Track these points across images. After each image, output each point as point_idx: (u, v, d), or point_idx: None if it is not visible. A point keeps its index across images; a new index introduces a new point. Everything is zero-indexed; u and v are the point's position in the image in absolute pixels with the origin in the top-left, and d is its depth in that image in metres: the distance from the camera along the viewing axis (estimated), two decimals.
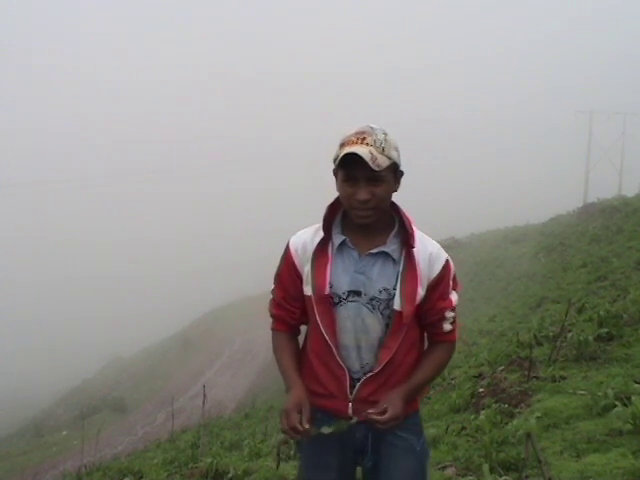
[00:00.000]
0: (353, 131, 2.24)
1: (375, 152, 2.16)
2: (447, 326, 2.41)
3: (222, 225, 75.20)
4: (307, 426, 2.25)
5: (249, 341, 35.46)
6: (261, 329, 34.11)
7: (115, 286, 63.61)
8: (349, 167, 2.20)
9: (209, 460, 5.46)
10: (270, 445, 7.52)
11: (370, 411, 2.25)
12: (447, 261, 2.37)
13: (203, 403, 7.76)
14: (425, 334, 2.49)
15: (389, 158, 2.20)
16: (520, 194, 67.62)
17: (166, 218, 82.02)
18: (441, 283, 2.35)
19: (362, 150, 2.15)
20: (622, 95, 70.06)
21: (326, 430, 2.32)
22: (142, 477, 6.79)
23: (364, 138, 2.20)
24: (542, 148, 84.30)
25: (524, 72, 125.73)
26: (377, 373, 2.34)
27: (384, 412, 2.23)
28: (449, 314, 2.40)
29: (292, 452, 5.97)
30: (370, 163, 2.12)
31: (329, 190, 2.36)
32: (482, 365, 7.52)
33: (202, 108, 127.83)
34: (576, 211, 32.53)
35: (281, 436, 7.22)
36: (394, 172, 2.27)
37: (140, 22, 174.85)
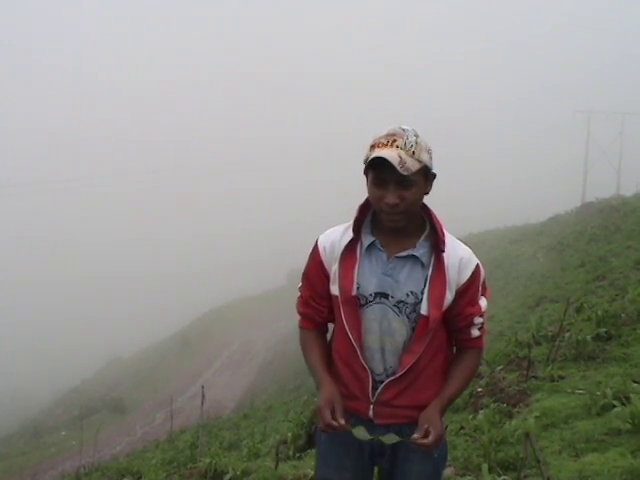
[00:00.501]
0: (384, 132, 2.20)
1: (405, 155, 2.12)
2: (475, 332, 2.38)
3: (222, 225, 75.17)
4: (342, 421, 2.22)
5: (248, 341, 35.49)
6: (260, 329, 34.29)
7: (114, 286, 63.61)
8: (378, 170, 2.16)
9: (208, 460, 5.45)
10: (269, 445, 7.52)
11: (415, 436, 2.19)
12: (477, 266, 2.34)
13: (202, 403, 7.76)
14: (452, 339, 2.46)
15: (419, 161, 2.16)
16: (519, 194, 67.70)
17: (166, 218, 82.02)
18: (470, 289, 2.32)
19: (391, 154, 2.11)
20: (621, 95, 70.21)
21: (359, 434, 2.27)
22: (141, 477, 6.78)
23: (394, 140, 2.16)
24: (541, 148, 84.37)
25: (522, 71, 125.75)
26: (400, 377, 2.31)
27: (427, 434, 2.19)
28: (477, 320, 2.37)
29: (291, 452, 5.98)
30: (398, 168, 2.09)
31: (329, 190, 2.35)
32: (480, 365, 7.51)
33: (202, 108, 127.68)
34: (574, 211, 32.57)
35: (279, 436, 7.23)
36: (425, 175, 2.23)
37: (139, 22, 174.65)
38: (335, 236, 2.40)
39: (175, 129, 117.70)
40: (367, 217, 2.37)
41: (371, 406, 2.35)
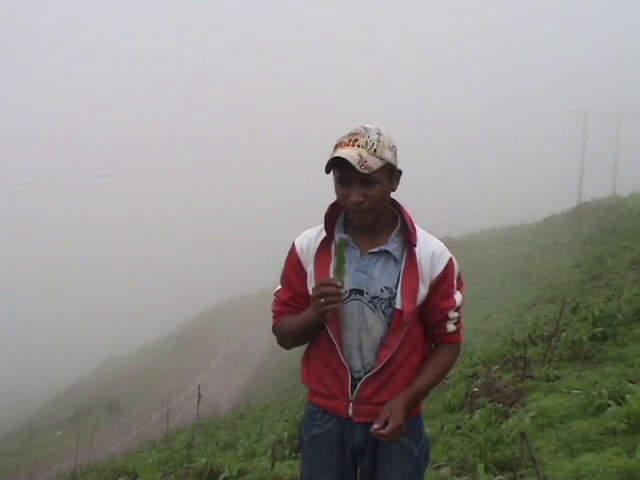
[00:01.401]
0: (347, 132, 2.24)
1: (365, 154, 2.14)
2: (451, 326, 2.39)
3: (218, 224, 75.11)
4: (339, 283, 2.20)
5: (244, 341, 35.47)
6: (256, 329, 34.20)
7: (110, 286, 63.50)
8: (342, 169, 2.19)
9: (204, 460, 5.45)
10: (265, 445, 7.52)
11: (375, 426, 2.21)
12: (450, 260, 2.36)
13: (198, 403, 7.74)
14: (430, 336, 2.48)
15: (382, 159, 2.18)
16: (514, 194, 67.73)
17: (162, 218, 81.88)
18: (444, 282, 2.34)
19: (350, 153, 2.14)
20: (617, 94, 70.19)
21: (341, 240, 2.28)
22: (137, 477, 6.79)
23: (356, 140, 2.19)
24: (536, 148, 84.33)
25: (517, 70, 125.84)
26: (377, 373, 2.32)
27: (386, 424, 2.21)
28: (452, 314, 2.38)
29: (287, 452, 5.98)
30: (358, 167, 2.12)
31: (327, 188, 2.36)
32: (477, 365, 7.53)
33: (195, 106, 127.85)
34: (570, 211, 32.62)
35: (275, 436, 7.23)
36: (389, 173, 2.24)
37: (134, 16, 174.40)
38: (311, 236, 2.43)
39: (170, 127, 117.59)
40: (340, 215, 2.40)
41: (350, 404, 2.36)
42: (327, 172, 2.24)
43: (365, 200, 2.20)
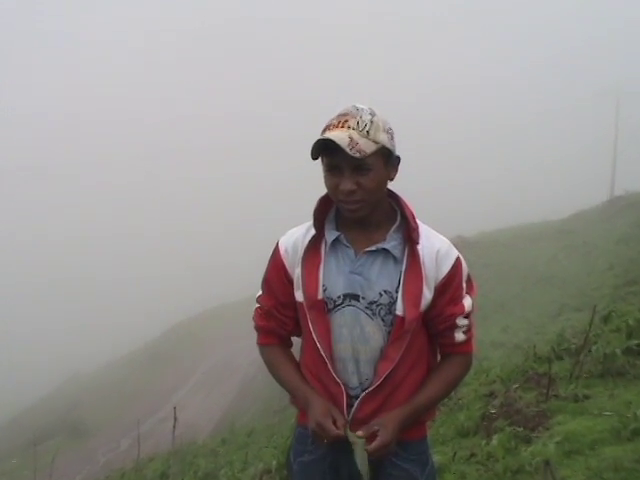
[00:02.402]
0: (336, 113, 2.23)
1: (357, 136, 2.13)
2: (459, 335, 2.37)
3: (198, 221, 75.10)
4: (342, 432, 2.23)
5: (228, 355, 35.46)
6: (241, 341, 34.18)
7: (73, 292, 63.35)
8: (330, 155, 2.18)
9: None
10: (251, 475, 7.50)
11: (358, 433, 2.22)
12: (458, 259, 2.34)
13: (174, 426, 7.72)
14: (436, 346, 2.47)
15: (375, 142, 2.16)
16: (537, 186, 67.82)
17: (134, 214, 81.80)
18: (451, 285, 2.32)
19: (340, 135, 2.12)
20: None
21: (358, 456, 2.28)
22: None
23: (346, 121, 2.17)
24: (562, 133, 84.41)
25: (542, 44, 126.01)
26: (377, 389, 2.30)
27: (372, 437, 2.20)
28: (461, 321, 2.36)
29: None
30: (348, 150, 2.10)
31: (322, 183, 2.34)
32: (494, 382, 7.52)
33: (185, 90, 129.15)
34: (601, 206, 32.72)
35: (262, 465, 7.21)
36: (385, 158, 2.23)
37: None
38: (297, 236, 2.42)
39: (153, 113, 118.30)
40: (331, 211, 2.39)
41: (347, 426, 2.33)
42: (313, 158, 2.22)
43: (358, 189, 2.18)
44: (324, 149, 2.16)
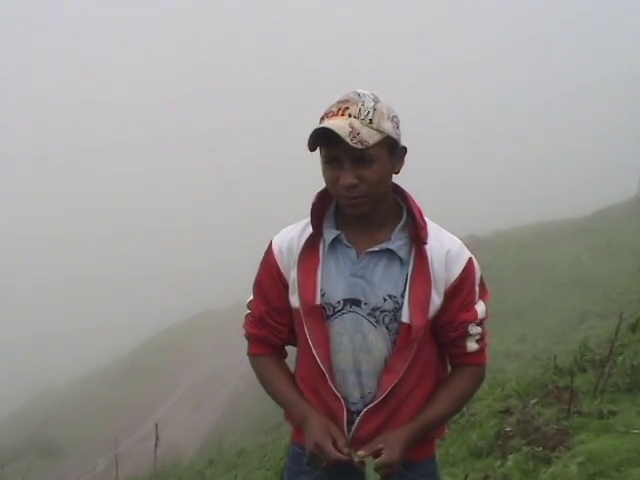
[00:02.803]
0: (336, 99, 2.22)
1: (358, 125, 2.12)
2: (472, 345, 2.38)
3: (184, 218, 75.01)
4: (346, 450, 2.22)
5: (215, 366, 35.48)
6: (230, 351, 34.18)
7: (41, 295, 63.10)
8: (329, 146, 2.17)
9: None
10: None
11: (361, 452, 2.22)
12: (470, 261, 2.34)
13: (156, 446, 7.71)
14: (445, 356, 2.47)
15: (379, 131, 2.15)
16: (557, 179, 67.74)
17: (109, 209, 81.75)
18: (462, 289, 2.32)
19: (340, 124, 2.11)
20: None
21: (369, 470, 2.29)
22: None
23: (347, 108, 2.16)
24: (585, 119, 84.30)
25: (564, 20, 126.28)
26: (380, 404, 2.30)
27: (376, 455, 2.20)
28: (474, 329, 2.36)
29: None
30: (348, 140, 2.09)
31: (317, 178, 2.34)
32: (510, 397, 7.52)
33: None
34: (628, 201, 32.72)
35: None
36: (390, 149, 2.22)
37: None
38: (293, 234, 2.42)
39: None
40: (330, 208, 2.39)
41: (350, 447, 2.32)
42: (311, 149, 2.21)
43: (359, 183, 2.18)
44: (322, 139, 2.15)
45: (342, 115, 2.14)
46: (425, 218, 2.31)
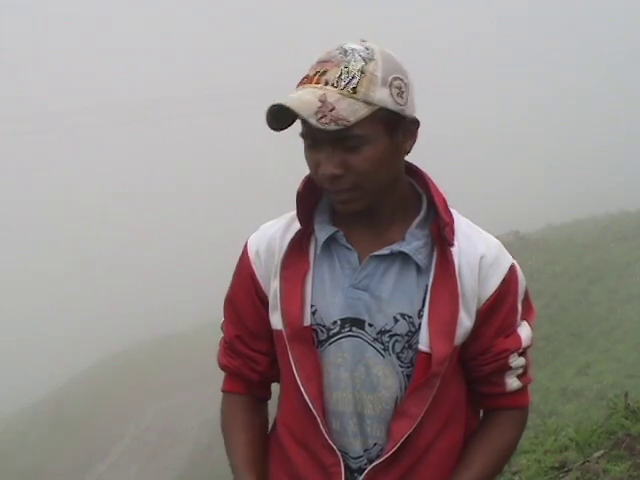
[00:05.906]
0: (316, 58, 2.11)
1: (334, 97, 2.00)
2: (513, 381, 2.34)
3: (130, 221, 75.22)
4: None
5: (169, 410, 35.42)
6: (190, 390, 34.23)
7: None
8: (303, 122, 2.09)
9: None
10: None
11: None
12: (512, 269, 2.29)
13: None
14: (477, 396, 2.44)
15: (367, 103, 2.04)
16: (627, 162, 67.91)
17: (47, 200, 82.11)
18: (501, 307, 2.28)
19: (305, 97, 2.02)
20: None
21: None
22: None
23: (325, 72, 2.05)
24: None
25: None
26: (390, 460, 2.25)
27: None
28: (516, 361, 2.32)
29: None
30: (313, 121, 1.99)
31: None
32: (566, 449, 7.55)
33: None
34: None
35: None
36: (388, 123, 2.11)
37: None
38: (274, 232, 2.37)
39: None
40: (322, 198, 2.33)
41: None
42: (275, 128, 2.10)
43: (346, 173, 2.10)
44: (276, 115, 2.05)
45: (316, 82, 2.05)
46: (452, 210, 2.24)
